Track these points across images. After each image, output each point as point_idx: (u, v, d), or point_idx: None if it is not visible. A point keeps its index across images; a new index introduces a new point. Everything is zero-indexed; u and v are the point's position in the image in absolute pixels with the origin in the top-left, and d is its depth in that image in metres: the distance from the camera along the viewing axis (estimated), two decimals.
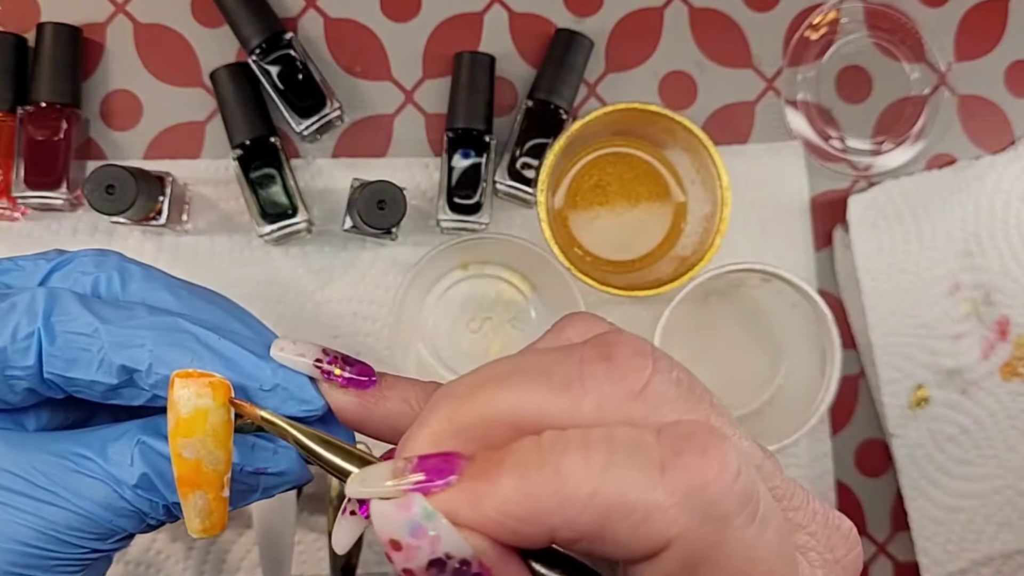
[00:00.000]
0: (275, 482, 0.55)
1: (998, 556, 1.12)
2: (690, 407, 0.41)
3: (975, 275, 1.11)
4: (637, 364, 0.40)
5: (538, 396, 0.40)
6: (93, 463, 0.51)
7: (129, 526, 0.53)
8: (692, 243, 1.04)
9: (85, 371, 0.50)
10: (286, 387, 0.52)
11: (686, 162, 1.05)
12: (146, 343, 0.50)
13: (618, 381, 0.40)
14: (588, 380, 0.40)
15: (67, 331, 0.50)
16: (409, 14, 1.11)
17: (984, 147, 1.14)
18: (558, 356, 0.41)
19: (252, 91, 1.06)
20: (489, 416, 0.41)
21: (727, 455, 0.38)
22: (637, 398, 0.40)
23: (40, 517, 0.50)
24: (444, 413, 0.42)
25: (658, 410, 0.40)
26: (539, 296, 1.09)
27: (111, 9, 1.10)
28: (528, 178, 1.06)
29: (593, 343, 0.41)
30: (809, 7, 1.13)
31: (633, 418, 0.39)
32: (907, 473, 1.11)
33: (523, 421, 0.40)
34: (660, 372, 0.40)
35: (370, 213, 0.98)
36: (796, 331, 1.07)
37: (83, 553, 0.52)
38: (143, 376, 0.50)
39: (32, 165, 1.02)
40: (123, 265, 0.55)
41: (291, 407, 0.53)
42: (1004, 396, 1.11)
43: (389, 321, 1.05)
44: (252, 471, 0.54)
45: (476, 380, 0.42)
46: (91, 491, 0.51)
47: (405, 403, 0.52)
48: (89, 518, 0.51)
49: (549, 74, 1.07)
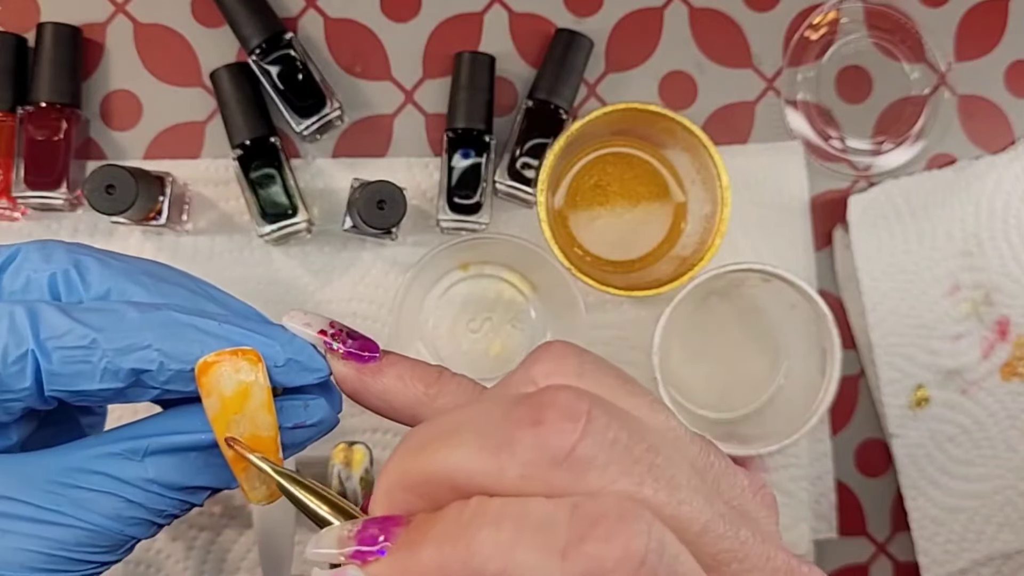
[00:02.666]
0: (311, 433, 0.56)
1: (998, 556, 1.12)
2: (622, 471, 0.39)
3: (975, 275, 1.11)
4: (565, 428, 0.39)
5: (472, 458, 0.40)
6: (98, 476, 0.51)
7: (139, 533, 0.52)
8: (692, 243, 1.04)
9: (90, 382, 0.49)
10: (298, 360, 0.53)
11: (686, 162, 1.05)
12: (151, 343, 0.50)
13: (543, 447, 0.39)
14: (516, 444, 0.39)
15: (62, 347, 0.49)
16: (409, 14, 1.11)
17: (984, 147, 1.14)
18: (499, 415, 0.41)
19: (252, 91, 1.06)
20: (430, 476, 0.41)
21: (632, 542, 0.37)
22: (561, 465, 0.39)
23: (47, 539, 0.49)
24: (397, 468, 0.42)
25: (584, 477, 0.39)
26: (539, 296, 1.09)
27: (111, 9, 1.10)
28: (528, 178, 1.06)
29: (527, 403, 0.40)
30: (809, 7, 1.13)
31: (555, 487, 0.39)
32: (907, 473, 1.11)
33: (458, 483, 0.40)
34: (590, 435, 0.39)
35: (370, 213, 0.98)
36: (796, 331, 1.07)
37: (93, 568, 0.52)
38: (153, 376, 0.50)
39: (32, 165, 1.02)
40: (75, 257, 0.54)
41: (305, 377, 0.54)
42: (1004, 396, 1.11)
43: (389, 321, 1.05)
44: (290, 427, 0.54)
45: (427, 434, 0.42)
46: (98, 505, 0.50)
47: (400, 380, 0.53)
48: (98, 532, 0.50)
49: (549, 74, 1.07)
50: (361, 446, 0.99)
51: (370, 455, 1.00)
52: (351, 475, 0.98)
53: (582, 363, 0.45)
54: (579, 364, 0.45)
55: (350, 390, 0.54)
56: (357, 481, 0.98)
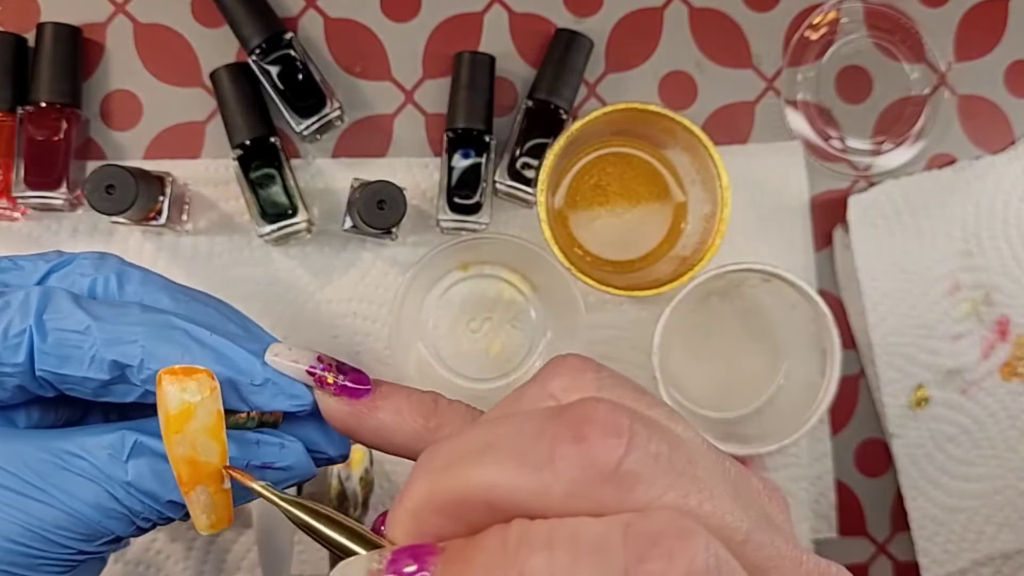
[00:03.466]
0: (282, 476, 0.55)
1: (998, 556, 1.12)
2: (668, 483, 0.39)
3: (975, 275, 1.11)
4: (610, 444, 0.38)
5: (511, 478, 0.39)
6: (84, 462, 0.51)
7: (117, 528, 0.53)
8: (692, 243, 1.04)
9: (77, 368, 0.50)
10: (276, 382, 0.53)
11: (686, 162, 1.05)
12: (138, 339, 0.51)
13: (589, 465, 0.38)
14: (559, 462, 0.38)
15: (58, 328, 0.50)
16: (409, 14, 1.11)
17: (984, 147, 1.14)
18: (533, 431, 0.40)
19: (252, 91, 1.06)
20: (464, 496, 0.40)
21: (695, 559, 0.36)
22: (609, 481, 0.38)
23: (27, 514, 0.50)
24: (422, 489, 0.41)
25: (632, 492, 0.38)
26: (539, 296, 1.09)
27: (111, 9, 1.10)
28: (528, 178, 1.06)
29: (567, 419, 0.39)
30: (809, 7, 1.13)
31: (605, 504, 0.38)
32: (907, 473, 1.11)
33: (497, 503, 0.39)
34: (635, 450, 0.38)
35: (370, 213, 0.98)
36: (796, 331, 1.07)
37: (69, 554, 0.52)
38: (134, 372, 0.51)
39: (32, 165, 1.02)
40: (122, 268, 0.56)
41: (281, 402, 0.53)
42: (1004, 396, 1.11)
43: (389, 321, 1.05)
44: (258, 465, 0.54)
45: (453, 453, 0.41)
46: (81, 490, 0.51)
47: (398, 415, 0.52)
48: (77, 517, 0.51)
49: (549, 74, 1.07)
50: (361, 446, 0.99)
51: (370, 455, 1.00)
52: (351, 475, 0.98)
53: (600, 377, 0.45)
54: (598, 379, 0.44)
55: (343, 428, 0.53)
56: (357, 481, 0.98)
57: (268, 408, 0.54)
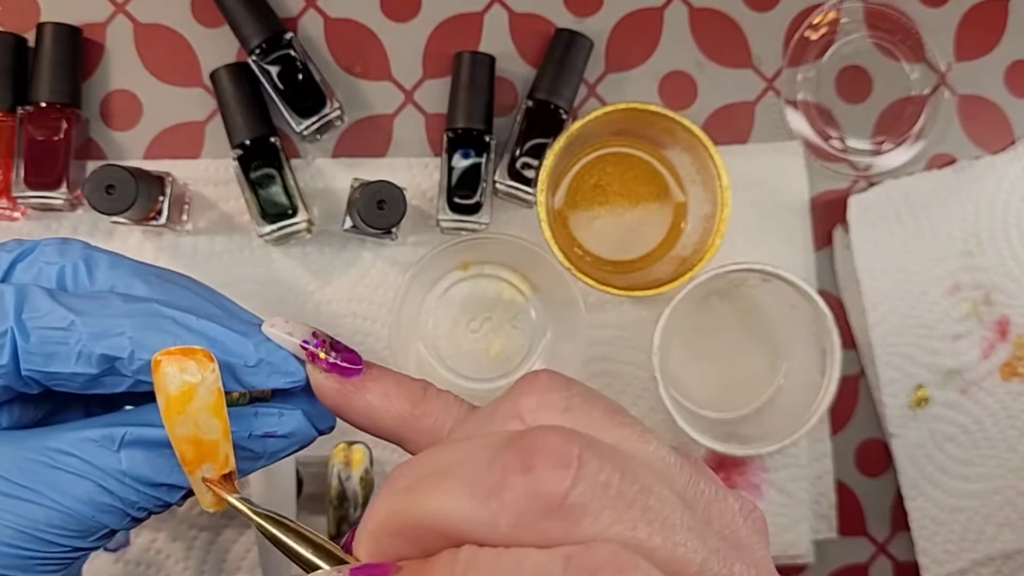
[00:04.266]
0: (282, 444, 0.56)
1: (998, 556, 1.12)
2: (616, 516, 0.38)
3: (975, 275, 1.11)
4: (557, 475, 0.37)
5: (461, 507, 0.39)
6: (74, 458, 0.51)
7: (111, 522, 0.53)
8: (692, 243, 1.04)
9: (64, 364, 0.50)
10: (270, 361, 0.53)
11: (686, 162, 1.05)
12: (125, 330, 0.50)
13: (535, 496, 0.38)
14: (506, 492, 0.38)
15: (41, 327, 0.50)
16: (409, 14, 1.11)
17: (984, 147, 1.14)
18: (487, 458, 0.40)
19: (252, 91, 1.06)
20: (418, 521, 0.40)
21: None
22: (555, 513, 0.38)
23: (20, 516, 0.50)
24: (383, 510, 0.41)
25: (579, 525, 0.38)
26: (539, 296, 1.09)
27: (111, 9, 1.10)
28: (528, 178, 1.06)
29: (518, 448, 0.39)
30: (809, 7, 1.13)
31: (550, 536, 0.38)
32: (907, 473, 1.11)
33: (448, 531, 0.39)
34: (582, 480, 0.38)
35: (370, 213, 0.98)
36: (796, 331, 1.07)
37: (64, 552, 0.52)
38: (125, 363, 0.50)
39: (32, 165, 1.02)
40: (88, 253, 0.55)
41: (276, 380, 0.54)
42: (1004, 396, 1.11)
43: (389, 321, 1.05)
44: (260, 435, 0.54)
45: (414, 475, 0.41)
46: (72, 487, 0.51)
47: (385, 398, 0.52)
48: (70, 515, 0.51)
49: (549, 74, 1.07)
50: (361, 446, 0.99)
51: (370, 455, 1.00)
52: (351, 475, 0.98)
53: (570, 396, 0.44)
54: (566, 398, 0.44)
55: (331, 404, 0.53)
56: (357, 481, 0.98)
57: (264, 387, 0.54)
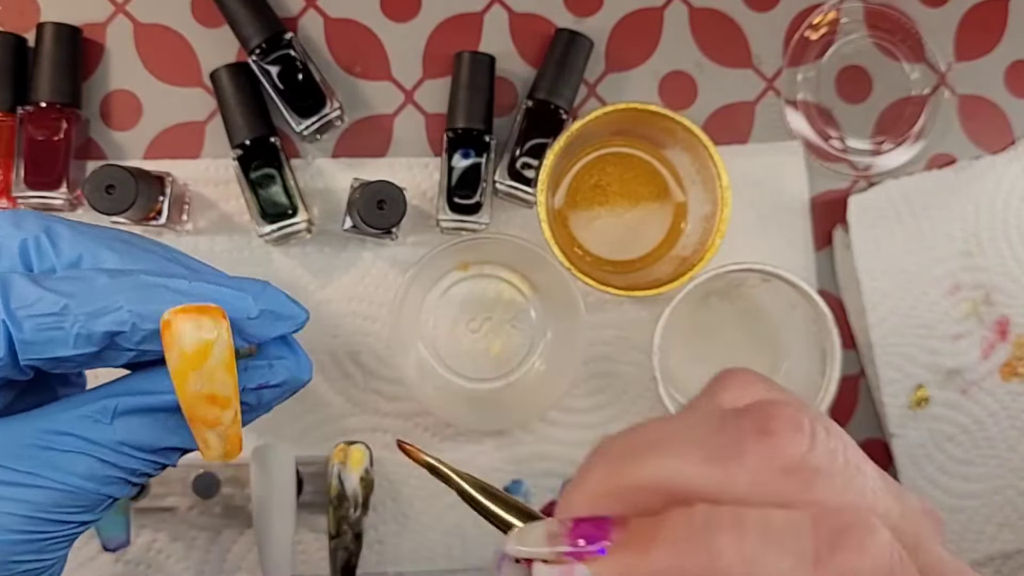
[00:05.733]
0: (276, 394, 0.57)
1: (998, 556, 1.12)
2: (846, 482, 0.41)
3: (975, 275, 1.11)
4: (795, 439, 0.40)
5: (693, 467, 0.41)
6: (70, 437, 0.51)
7: (115, 492, 0.53)
8: (692, 243, 1.04)
9: (63, 348, 0.50)
10: (271, 310, 0.54)
11: (686, 162, 1.05)
12: (122, 305, 0.50)
13: (774, 457, 0.40)
14: (745, 455, 0.40)
15: (33, 315, 0.49)
16: (409, 14, 1.11)
17: (984, 147, 1.14)
18: (714, 426, 0.42)
19: (252, 91, 1.06)
20: (643, 483, 0.42)
21: (881, 553, 0.39)
22: (792, 475, 0.40)
23: (24, 502, 0.50)
24: (600, 475, 0.43)
25: (813, 487, 0.40)
26: (539, 296, 1.09)
27: (111, 9, 1.10)
28: (528, 178, 1.06)
29: (752, 415, 0.41)
30: (809, 7, 1.13)
31: (787, 496, 0.40)
32: (907, 473, 1.11)
33: (677, 490, 0.41)
34: (818, 447, 0.41)
35: (370, 213, 0.98)
36: (796, 332, 1.07)
37: (72, 528, 0.52)
38: (127, 337, 0.50)
39: (32, 165, 1.02)
40: (46, 224, 0.55)
41: (280, 327, 0.55)
42: (1004, 396, 1.11)
43: (389, 321, 1.05)
44: (254, 388, 0.55)
45: (632, 443, 0.43)
46: (72, 465, 0.51)
47: None
48: (74, 492, 0.51)
49: (549, 74, 1.07)
50: (360, 446, 0.99)
51: (370, 455, 1.00)
52: (350, 475, 0.98)
53: (770, 388, 0.47)
54: (767, 389, 0.47)
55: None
56: (357, 481, 0.98)
57: (269, 336, 0.55)
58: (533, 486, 1.10)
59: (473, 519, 1.09)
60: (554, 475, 1.10)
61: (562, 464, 1.11)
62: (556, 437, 1.11)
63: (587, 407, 1.11)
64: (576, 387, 1.11)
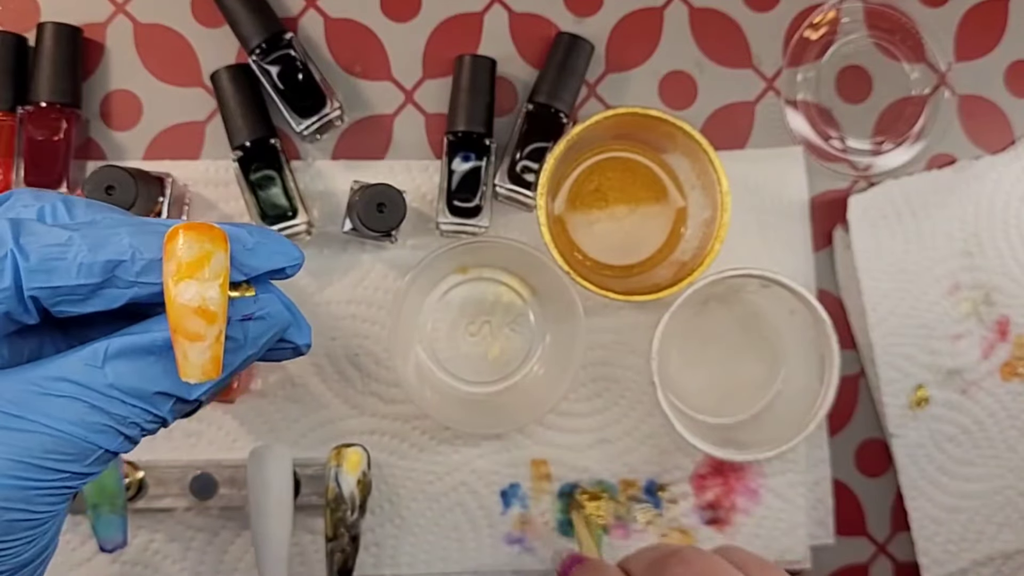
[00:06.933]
0: (261, 328, 0.57)
1: (998, 556, 1.12)
2: None
3: (975, 275, 1.11)
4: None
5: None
6: (62, 382, 0.51)
7: (105, 442, 0.53)
8: (692, 248, 1.04)
9: (66, 277, 0.51)
10: (266, 243, 0.55)
11: (686, 167, 1.05)
12: (124, 237, 0.52)
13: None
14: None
15: (40, 245, 0.50)
16: (409, 14, 1.11)
17: (984, 147, 1.14)
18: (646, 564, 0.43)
19: (252, 93, 1.06)
20: None
21: None
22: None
23: (12, 446, 0.50)
24: None
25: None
26: (538, 300, 1.09)
27: (111, 9, 1.10)
28: (528, 182, 1.06)
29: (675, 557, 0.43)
30: (809, 7, 1.13)
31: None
32: (907, 473, 1.11)
33: None
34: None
35: (370, 216, 0.98)
36: (795, 337, 1.08)
37: (63, 479, 0.52)
38: (128, 266, 0.51)
39: (32, 165, 1.03)
40: (65, 197, 0.57)
41: (277, 260, 0.56)
42: (1004, 396, 1.11)
43: (388, 324, 1.05)
44: (239, 319, 0.55)
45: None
46: (62, 410, 0.51)
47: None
48: (63, 438, 0.51)
49: (550, 78, 1.07)
50: (358, 448, 1.00)
51: (367, 457, 1.00)
52: (348, 477, 0.98)
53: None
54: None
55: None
56: (354, 483, 0.98)
57: (265, 268, 0.55)
58: (530, 490, 1.10)
59: (470, 522, 1.10)
60: (551, 479, 1.11)
61: (559, 468, 1.11)
62: (554, 441, 1.11)
63: (585, 411, 1.11)
64: (574, 391, 1.11)
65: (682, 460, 1.12)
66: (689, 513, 1.12)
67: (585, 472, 1.11)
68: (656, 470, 1.11)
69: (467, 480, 1.10)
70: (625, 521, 1.11)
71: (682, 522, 1.11)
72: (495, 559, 1.10)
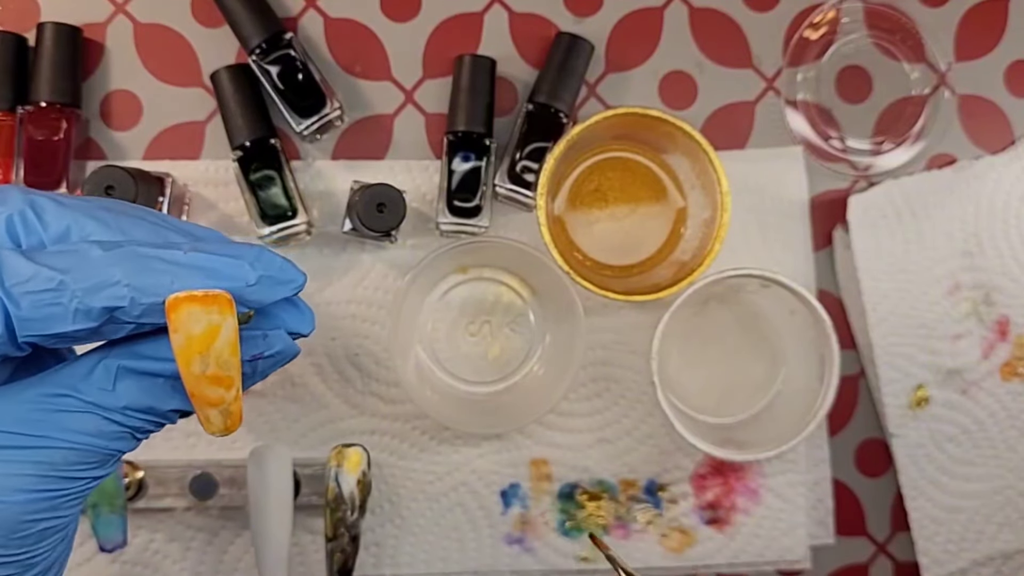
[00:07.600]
0: (270, 363, 0.57)
1: (998, 556, 1.12)
2: None
3: (975, 275, 1.11)
4: None
5: None
6: (72, 398, 0.51)
7: (124, 447, 0.54)
8: (692, 248, 1.04)
9: (62, 324, 0.49)
10: (269, 275, 0.53)
11: (686, 167, 1.05)
12: (119, 279, 0.49)
13: None
14: None
15: (29, 291, 0.49)
16: (409, 14, 1.11)
17: (984, 147, 1.14)
18: None
19: (252, 93, 1.06)
20: None
21: None
22: None
23: (38, 462, 0.50)
24: None
25: None
26: (538, 300, 1.09)
27: (111, 9, 1.10)
28: (528, 182, 1.06)
29: None
30: (809, 7, 1.13)
31: None
32: (907, 473, 1.11)
33: None
34: None
35: (370, 216, 0.98)
36: (795, 337, 1.07)
37: (86, 483, 0.53)
38: (126, 311, 0.50)
39: (32, 165, 1.03)
40: (29, 199, 0.54)
41: (279, 291, 0.54)
42: (1004, 396, 1.11)
43: (388, 324, 1.05)
44: (248, 359, 0.55)
45: None
46: (79, 424, 0.51)
47: None
48: (85, 449, 0.51)
49: (550, 78, 1.07)
50: (358, 448, 1.00)
51: (367, 457, 1.00)
52: (348, 477, 0.98)
53: None
54: None
55: None
56: (354, 483, 0.98)
57: (268, 301, 0.54)
58: (530, 490, 1.10)
59: (470, 523, 1.10)
60: (552, 479, 1.11)
61: (560, 468, 1.11)
62: (554, 441, 1.11)
63: (585, 411, 1.11)
64: (574, 391, 1.11)
65: (682, 460, 1.12)
66: (689, 513, 1.12)
67: (585, 472, 1.11)
68: (656, 470, 1.11)
69: (467, 480, 1.10)
70: (625, 521, 1.11)
71: (682, 522, 1.11)
72: (495, 559, 1.10)
